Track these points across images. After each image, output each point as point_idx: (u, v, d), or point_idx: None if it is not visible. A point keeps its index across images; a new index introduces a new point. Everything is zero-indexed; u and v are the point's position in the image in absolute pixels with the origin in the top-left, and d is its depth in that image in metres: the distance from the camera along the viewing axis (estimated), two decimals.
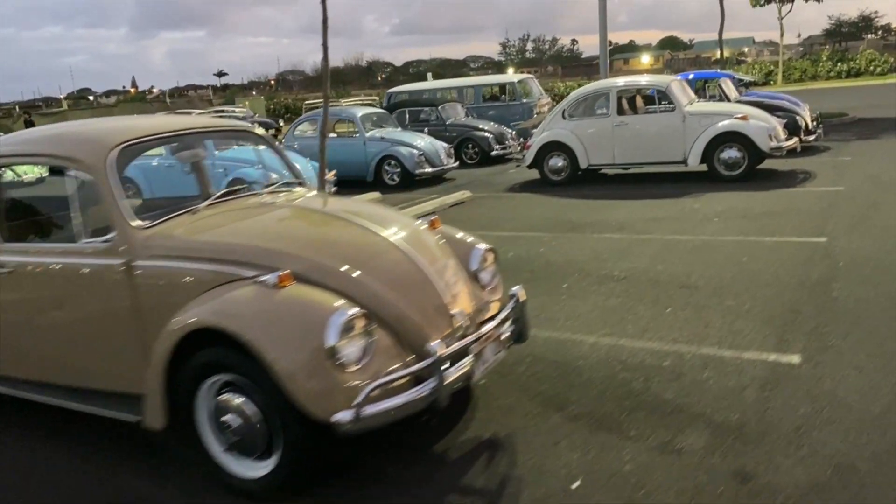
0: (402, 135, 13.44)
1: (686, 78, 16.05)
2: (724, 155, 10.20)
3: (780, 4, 34.69)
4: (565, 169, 11.47)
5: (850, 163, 11.10)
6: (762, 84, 38.76)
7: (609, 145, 11.04)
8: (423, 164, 12.89)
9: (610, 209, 9.00)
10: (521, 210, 9.57)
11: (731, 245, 6.58)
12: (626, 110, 11.09)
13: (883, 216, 7.20)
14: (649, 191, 10.20)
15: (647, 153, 10.81)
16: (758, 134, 9.95)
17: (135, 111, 28.62)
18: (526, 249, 7.11)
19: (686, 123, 10.41)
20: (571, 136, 11.31)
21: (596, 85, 11.68)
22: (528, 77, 19.27)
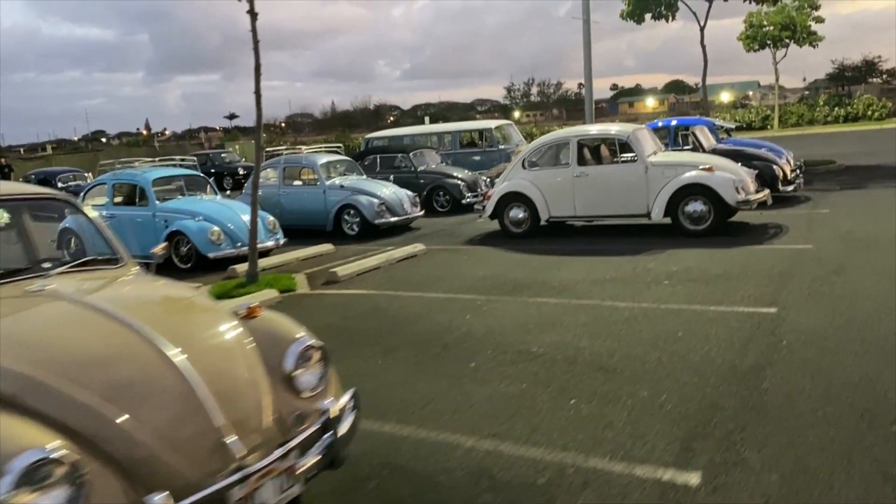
0: (364, 183, 12.93)
1: (668, 125, 15.63)
2: (688, 208, 9.59)
3: (775, 49, 34.51)
4: (526, 221, 10.87)
5: (826, 216, 10.45)
6: (759, 128, 38.43)
7: (570, 197, 10.46)
8: (384, 214, 12.34)
9: (560, 267, 8.37)
10: (469, 267, 8.95)
11: (672, 316, 5.91)
12: (587, 160, 10.54)
13: (844, 282, 6.53)
14: (609, 245, 9.57)
15: (609, 205, 10.22)
16: (723, 186, 9.35)
17: (121, 154, 28.46)
18: (451, 317, 6.46)
19: (649, 175, 9.84)
20: (531, 187, 10.74)
21: (556, 134, 11.15)
22: (506, 123, 18.87)
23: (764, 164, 12.07)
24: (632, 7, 18.27)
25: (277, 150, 13.65)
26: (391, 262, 9.54)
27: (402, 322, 6.45)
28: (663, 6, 18.13)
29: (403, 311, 6.88)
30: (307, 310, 7.25)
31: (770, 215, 10.75)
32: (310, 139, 47.08)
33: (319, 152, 14.25)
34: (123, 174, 11.31)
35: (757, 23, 33.61)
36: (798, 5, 33.56)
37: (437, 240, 11.48)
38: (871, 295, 5.99)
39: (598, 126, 11.84)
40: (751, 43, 33.88)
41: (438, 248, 10.60)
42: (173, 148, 33.60)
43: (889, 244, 7.98)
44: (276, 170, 13.41)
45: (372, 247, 11.20)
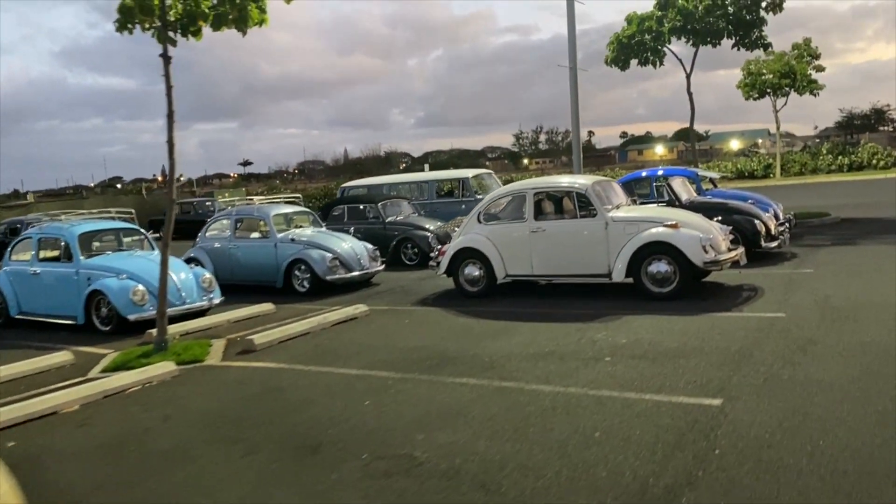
0: (319, 236, 12.16)
1: (653, 174, 14.87)
2: (652, 268, 8.70)
3: (775, 97, 33.94)
4: (482, 280, 10.01)
5: (808, 277, 9.50)
6: (761, 177, 37.67)
7: (527, 254, 9.60)
8: (337, 270, 11.52)
9: (502, 335, 7.46)
10: (405, 334, 8.06)
11: (597, 407, 4.98)
12: (546, 214, 9.72)
13: (809, 364, 5.58)
14: (566, 308, 8.66)
15: (568, 264, 9.35)
16: (689, 245, 8.46)
17: (106, 202, 28.09)
18: (348, 403, 5.55)
19: (609, 231, 8.98)
20: (487, 243, 9.91)
21: (512, 186, 10.36)
22: (484, 172, 18.15)
23: (744, 219, 11.19)
24: (616, 53, 17.69)
25: (231, 202, 12.89)
26: (324, 326, 8.67)
27: (289, 409, 5.54)
28: (648, 52, 17.53)
29: (301, 393, 5.98)
30: (198, 388, 6.36)
31: (748, 275, 9.82)
32: (318, 186, 46.87)
33: (275, 203, 13.50)
34: (49, 228, 10.57)
35: (755, 71, 33.12)
36: (797, 54, 33.12)
37: (388, 299, 10.62)
38: (834, 383, 5.04)
39: (558, 178, 11.04)
40: (749, 91, 33.33)
41: (384, 310, 9.73)
42: (161, 196, 33.20)
43: (869, 314, 7.03)
44: (228, 221, 12.69)
45: (316, 306, 10.36)
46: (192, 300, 9.75)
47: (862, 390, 4.85)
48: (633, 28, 17.12)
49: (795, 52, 33.03)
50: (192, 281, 9.93)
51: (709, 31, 15.95)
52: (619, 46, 17.47)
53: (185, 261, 13.01)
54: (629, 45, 17.38)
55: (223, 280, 12.58)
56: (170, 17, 7.51)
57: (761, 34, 16.40)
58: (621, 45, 17.43)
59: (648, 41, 17.06)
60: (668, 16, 16.13)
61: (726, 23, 15.86)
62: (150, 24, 7.57)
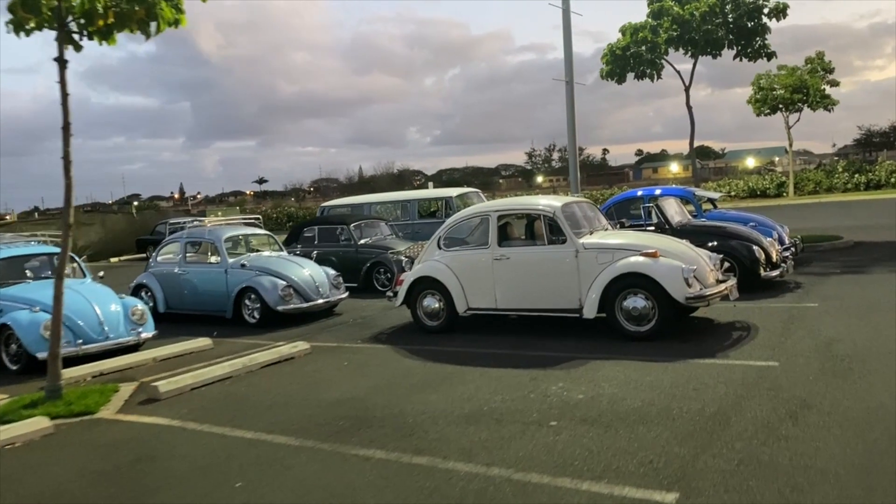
0: (274, 261, 11.11)
1: (650, 194, 13.83)
2: (627, 304, 7.55)
3: (787, 113, 32.68)
4: (441, 313, 8.90)
5: (812, 313, 8.30)
6: (774, 196, 36.27)
7: (489, 285, 8.49)
8: (290, 299, 10.46)
9: (441, 386, 6.34)
10: (332, 382, 6.96)
11: (515, 500, 3.84)
12: (511, 240, 8.62)
13: (797, 439, 4.40)
14: (530, 349, 7.52)
15: (534, 297, 8.22)
16: (669, 277, 7.31)
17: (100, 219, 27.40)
18: (215, 485, 4.45)
19: (580, 260, 7.86)
20: (447, 272, 8.81)
21: (476, 208, 9.25)
22: (470, 192, 17.06)
23: (742, 244, 10.01)
24: (611, 66, 16.63)
25: (179, 224, 11.85)
26: (250, 369, 7.60)
27: (140, 492, 4.45)
28: (645, 65, 16.45)
29: (171, 465, 4.89)
30: (58, 456, 5.29)
31: (743, 309, 8.65)
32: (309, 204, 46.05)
33: (230, 224, 12.49)
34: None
35: (766, 86, 31.92)
36: (810, 68, 31.90)
37: (341, 333, 9.53)
38: (828, 471, 3.87)
39: (527, 199, 9.93)
40: (760, 107, 32.10)
41: (330, 347, 8.64)
42: (152, 215, 32.55)
43: (878, 366, 5.83)
44: (179, 244, 11.70)
45: (261, 340, 9.31)
46: (116, 335, 8.71)
47: (863, 483, 3.69)
48: (626, 39, 16.06)
49: (808, 66, 31.83)
50: (118, 314, 8.89)
51: (707, 40, 14.85)
52: (614, 59, 16.40)
53: (135, 287, 12.10)
54: (624, 58, 16.30)
55: (175, 308, 11.61)
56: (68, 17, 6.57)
57: (764, 43, 15.26)
58: (616, 57, 16.36)
59: (644, 53, 15.99)
60: (663, 25, 15.04)
61: (726, 31, 14.76)
62: (48, 25, 6.65)
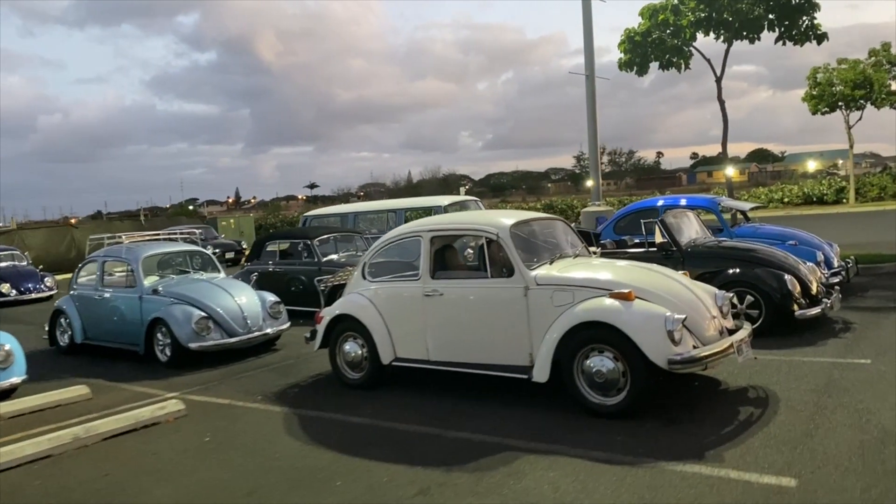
0: (194, 287, 9.22)
1: (673, 203, 11.69)
2: (590, 364, 5.38)
3: (848, 111, 29.50)
4: (363, 363, 6.88)
5: (861, 376, 5.93)
6: (832, 202, 32.93)
7: (420, 328, 6.43)
8: (207, 333, 8.57)
9: (288, 496, 4.33)
10: (159, 476, 5.00)
11: None
12: (448, 269, 6.52)
13: None
14: (449, 431, 5.40)
15: (473, 348, 6.10)
16: (644, 330, 5.11)
17: (99, 230, 26.38)
18: None
19: (531, 299, 5.73)
20: (369, 309, 6.78)
21: (408, 226, 7.14)
22: (465, 199, 14.92)
23: (770, 274, 7.67)
24: (629, 55, 14.32)
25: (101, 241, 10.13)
26: (84, 442, 5.72)
27: None
28: (670, 52, 14.08)
29: None
30: None
31: (766, 365, 6.36)
32: None
33: (156, 240, 10.71)
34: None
35: (824, 81, 28.85)
36: (874, 62, 28.70)
37: (250, 382, 7.59)
38: None
39: (473, 215, 7.75)
40: (817, 104, 29.05)
41: (215, 405, 6.72)
42: (164, 221, 31.42)
43: None
44: (96, 264, 9.96)
45: (152, 389, 7.49)
46: None
47: None
48: (646, 23, 13.72)
49: (872, 59, 28.65)
50: None
51: (742, 21, 12.44)
52: (633, 46, 14.08)
53: (55, 312, 10.46)
54: (645, 45, 13.97)
55: (94, 339, 9.91)
56: None
57: (813, 23, 12.75)
58: (635, 44, 14.04)
59: (667, 38, 13.63)
60: (687, 4, 12.66)
61: (764, 9, 12.32)
62: None
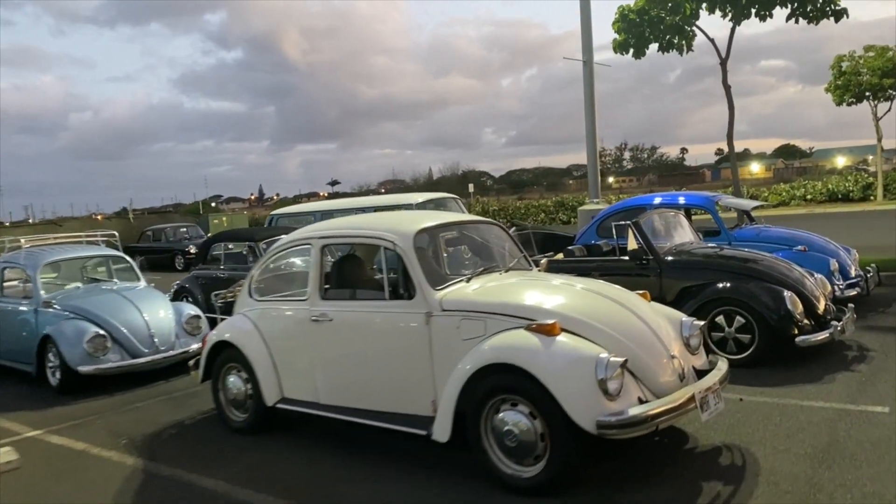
0: (95, 299, 7.93)
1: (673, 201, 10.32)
2: (501, 419, 3.98)
3: (876, 103, 27.58)
4: (248, 402, 5.54)
5: (877, 433, 4.44)
6: (859, 200, 30.95)
7: (308, 362, 5.08)
8: (102, 354, 7.31)
9: None
10: None
11: None
12: (343, 287, 5.14)
13: None
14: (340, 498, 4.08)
15: (367, 391, 4.73)
16: (563, 379, 3.69)
17: (84, 227, 25.57)
18: None
19: (434, 329, 4.34)
20: (253, 336, 5.43)
21: (300, 233, 5.72)
22: (444, 197, 13.44)
23: (764, 290, 6.19)
24: (624, 36, 12.82)
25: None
26: None
27: None
28: (670, 33, 12.57)
29: None
30: None
31: (751, 411, 4.92)
32: None
33: (62, 244, 9.48)
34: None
35: (850, 70, 26.97)
36: None
37: (132, 418, 6.32)
38: None
39: (378, 219, 6.24)
40: (842, 94, 27.17)
41: (67, 451, 5.44)
42: (153, 219, 30.58)
43: None
44: None
45: (17, 425, 6.25)
46: None
47: None
48: (641, 0, 12.24)
49: None
50: None
51: None
52: (628, 26, 12.59)
53: None
54: (641, 24, 12.47)
55: None
56: None
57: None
58: (630, 24, 12.54)
59: (666, 16, 12.12)
60: None
61: None
62: None
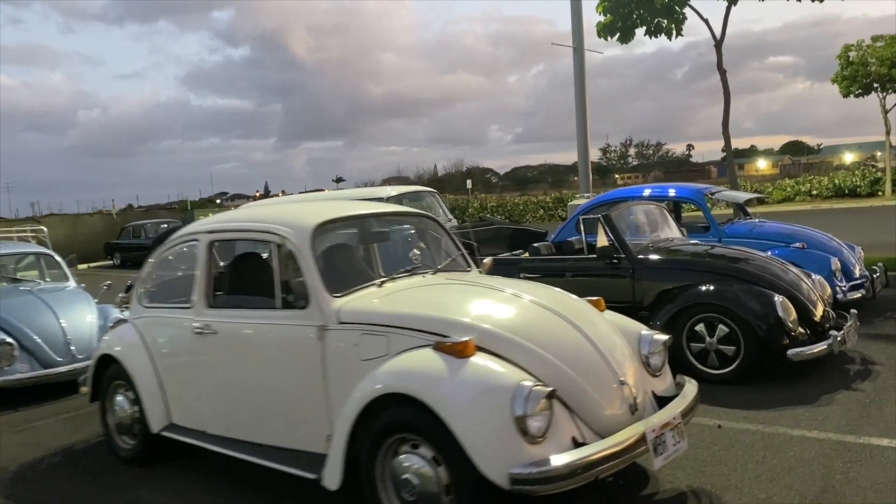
0: (12, 303, 7.12)
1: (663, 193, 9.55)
2: (401, 465, 3.10)
3: (884, 94, 26.56)
4: (135, 427, 4.68)
5: (881, 488, 3.54)
6: (866, 195, 29.91)
7: (195, 386, 4.23)
8: (8, 364, 6.47)
9: None
10: None
11: None
12: (234, 292, 4.27)
13: None
14: None
15: (255, 421, 3.87)
16: (470, 416, 2.82)
17: (65, 224, 24.87)
18: None
19: (328, 348, 3.47)
20: (138, 349, 4.58)
21: (190, 228, 4.85)
22: (418, 191, 12.54)
23: (749, 294, 5.29)
24: (610, 18, 11.92)
25: None
26: None
27: None
28: (660, 16, 11.67)
29: None
30: None
31: (733, 441, 4.04)
32: None
33: None
34: None
35: (858, 60, 25.95)
36: None
37: (22, 438, 5.48)
38: None
39: (271, 211, 5.23)
40: (849, 86, 26.16)
41: None
42: (138, 215, 29.80)
43: None
44: None
45: None
46: None
47: None
48: None
49: None
50: None
51: None
52: (614, 5, 11.68)
53: None
54: (628, 4, 11.57)
55: None
56: None
57: None
58: (616, 3, 11.64)
59: None
60: None
61: None
62: None
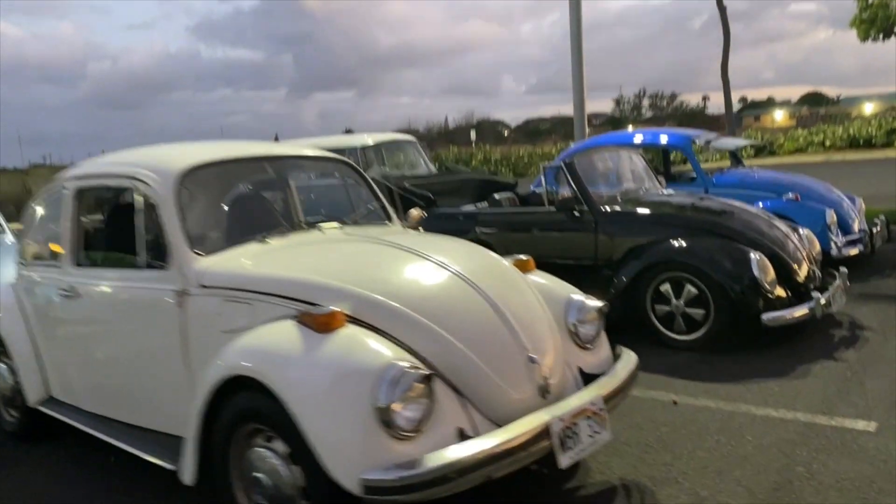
0: None
1: (654, 140, 8.99)
2: (254, 461, 2.51)
3: None
4: (17, 399, 4.14)
5: (853, 482, 2.93)
6: (882, 146, 28.75)
7: (67, 356, 3.67)
8: None
9: None
10: None
11: None
12: (100, 252, 3.67)
13: None
14: None
15: (119, 397, 3.33)
16: (318, 405, 2.21)
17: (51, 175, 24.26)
18: None
19: (189, 316, 2.87)
20: (14, 313, 4.01)
21: (59, 175, 4.19)
22: (397, 140, 11.72)
23: (723, 250, 4.64)
24: None
25: None
26: None
27: None
28: None
29: None
30: None
31: (690, 419, 3.45)
32: None
33: None
34: None
35: (877, 1, 24.46)
36: None
37: None
38: None
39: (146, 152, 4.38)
40: (868, 29, 24.71)
41: None
42: None
43: None
44: None
45: None
46: None
47: None
48: None
49: None
50: None
51: None
52: None
53: None
54: None
55: None
56: None
57: None
58: None
59: None
60: None
61: None
62: None
